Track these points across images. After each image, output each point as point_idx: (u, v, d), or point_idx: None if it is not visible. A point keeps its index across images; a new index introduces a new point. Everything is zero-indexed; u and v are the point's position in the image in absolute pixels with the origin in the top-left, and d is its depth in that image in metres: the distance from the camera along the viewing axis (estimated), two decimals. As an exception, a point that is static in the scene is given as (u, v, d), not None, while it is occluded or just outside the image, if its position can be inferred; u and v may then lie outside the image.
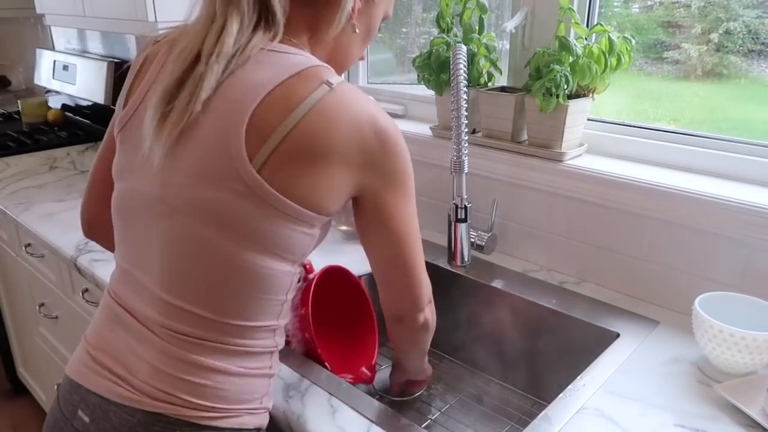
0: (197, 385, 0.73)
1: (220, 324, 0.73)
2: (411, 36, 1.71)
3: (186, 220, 0.71)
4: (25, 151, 2.17)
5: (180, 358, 0.73)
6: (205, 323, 0.73)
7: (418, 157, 1.42)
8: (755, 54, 1.11)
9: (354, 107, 0.71)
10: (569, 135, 1.16)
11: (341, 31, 0.78)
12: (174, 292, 0.73)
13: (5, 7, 2.55)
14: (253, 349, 0.76)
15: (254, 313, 0.75)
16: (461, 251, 1.19)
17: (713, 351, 0.91)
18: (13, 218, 1.62)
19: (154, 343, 0.74)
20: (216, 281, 0.72)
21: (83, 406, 0.76)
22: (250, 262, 0.71)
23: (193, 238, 0.71)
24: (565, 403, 0.87)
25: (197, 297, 0.73)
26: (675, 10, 1.19)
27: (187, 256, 0.72)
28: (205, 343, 0.73)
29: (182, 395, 0.72)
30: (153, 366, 0.73)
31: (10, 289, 2.08)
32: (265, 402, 0.81)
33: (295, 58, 0.72)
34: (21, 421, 2.24)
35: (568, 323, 1.10)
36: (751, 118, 1.17)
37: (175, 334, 0.73)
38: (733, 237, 1.01)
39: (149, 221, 0.75)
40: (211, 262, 0.71)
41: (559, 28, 1.14)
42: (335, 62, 0.80)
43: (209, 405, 0.73)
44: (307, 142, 0.68)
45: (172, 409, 0.72)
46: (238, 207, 0.69)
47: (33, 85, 2.85)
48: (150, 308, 0.75)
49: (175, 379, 0.72)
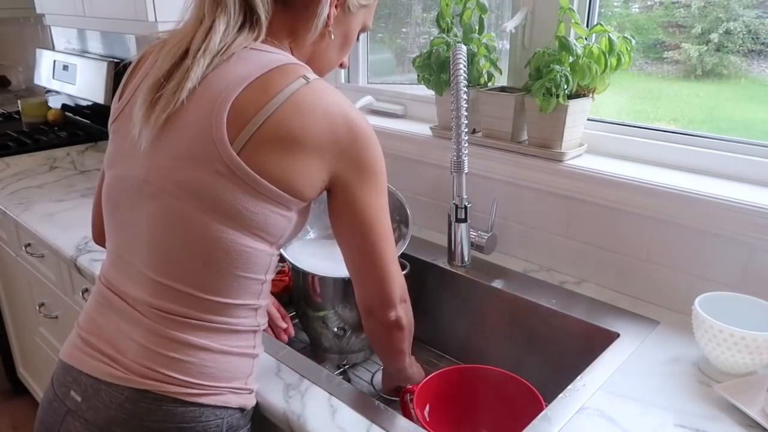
0: (182, 362, 0.77)
1: (204, 301, 0.77)
2: (411, 36, 1.71)
3: (171, 200, 0.76)
4: (25, 151, 2.17)
5: (166, 337, 0.77)
6: (190, 300, 0.77)
7: (418, 157, 1.42)
8: (755, 54, 1.11)
9: (327, 100, 0.76)
10: (569, 135, 1.16)
11: (318, 37, 0.84)
12: (160, 271, 0.78)
13: (5, 7, 2.55)
14: (235, 327, 0.81)
15: (235, 290, 0.79)
16: (461, 251, 1.19)
17: (713, 351, 0.91)
18: (13, 218, 1.62)
19: (142, 323, 0.78)
20: (199, 258, 0.76)
21: (75, 386, 0.80)
22: (229, 239, 0.76)
23: (178, 216, 0.76)
24: (565, 403, 0.87)
25: (182, 274, 0.77)
26: (675, 10, 1.19)
27: (172, 233, 0.77)
28: (190, 321, 0.78)
29: (168, 372, 0.76)
30: (141, 345, 0.78)
31: (10, 289, 2.08)
32: (250, 383, 0.84)
33: (275, 56, 0.78)
34: (21, 421, 2.24)
35: (568, 323, 1.10)
36: (751, 118, 1.16)
37: (162, 313, 0.78)
38: (733, 237, 1.01)
39: (136, 203, 0.80)
40: (194, 238, 0.76)
41: (559, 28, 1.14)
42: (314, 66, 0.84)
43: (193, 381, 0.77)
44: (283, 129, 0.73)
45: (158, 386, 0.76)
46: (219, 186, 0.74)
47: (33, 85, 2.85)
48: (138, 289, 0.79)
49: (161, 356, 0.77)
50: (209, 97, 0.75)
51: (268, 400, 0.88)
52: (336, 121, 0.76)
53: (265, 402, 0.89)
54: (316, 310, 1.18)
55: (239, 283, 0.79)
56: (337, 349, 1.23)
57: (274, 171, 0.74)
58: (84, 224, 1.53)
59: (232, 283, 0.78)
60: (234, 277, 0.78)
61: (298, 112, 0.74)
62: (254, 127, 0.73)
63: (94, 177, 1.94)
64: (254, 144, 0.73)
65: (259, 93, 0.74)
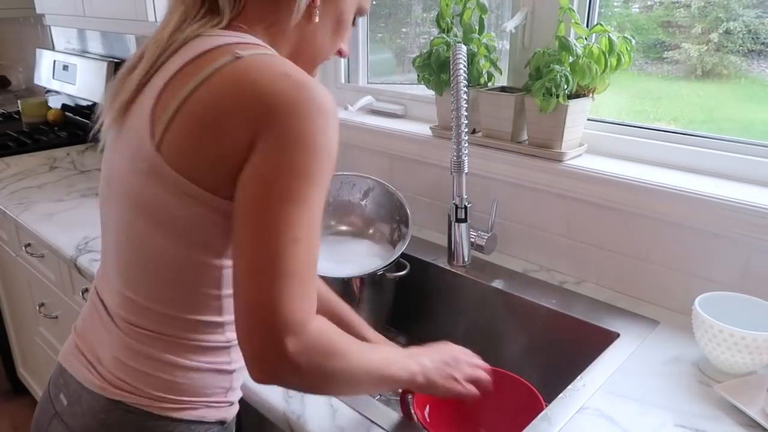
0: (153, 377, 0.74)
1: (171, 317, 0.73)
2: (411, 36, 1.71)
3: (123, 207, 0.72)
4: (25, 151, 2.17)
5: (137, 351, 0.74)
6: (158, 317, 0.73)
7: (418, 157, 1.42)
8: (755, 54, 1.11)
9: (252, 73, 0.64)
10: (569, 135, 1.16)
11: (304, 21, 0.74)
12: (129, 286, 0.74)
13: (5, 7, 2.55)
14: (205, 344, 0.75)
15: (196, 306, 0.73)
16: (461, 251, 1.19)
17: (713, 351, 0.91)
18: (13, 218, 1.62)
19: (117, 335, 0.76)
20: (156, 272, 0.72)
21: (65, 389, 0.79)
22: (170, 251, 0.69)
23: (128, 225, 0.72)
24: (565, 403, 0.87)
25: (142, 288, 0.73)
26: (675, 10, 1.19)
27: (129, 244, 0.73)
28: (161, 336, 0.74)
29: (139, 386, 0.74)
30: (115, 356, 0.75)
31: (10, 289, 2.08)
32: (230, 396, 0.80)
33: (222, 39, 0.69)
34: (21, 421, 2.24)
35: (568, 323, 1.10)
36: (751, 118, 1.16)
37: (133, 326, 0.74)
38: (733, 237, 1.01)
39: (106, 210, 0.77)
40: (144, 250, 0.71)
41: (559, 28, 1.14)
42: (304, 54, 0.77)
43: (165, 396, 0.74)
44: (196, 113, 0.65)
45: (131, 398, 0.73)
46: (148, 189, 0.68)
47: (33, 85, 2.85)
48: (113, 300, 0.77)
49: (132, 370, 0.74)
50: (149, 93, 0.70)
51: (268, 400, 0.88)
52: (251, 96, 0.63)
53: (265, 402, 0.89)
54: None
55: (197, 299, 0.72)
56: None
57: (193, 166, 0.65)
58: (84, 224, 1.53)
59: (190, 299, 0.72)
60: (187, 292, 0.72)
61: (211, 94, 0.64)
62: (169, 114, 0.65)
63: (94, 177, 1.94)
64: (171, 135, 0.65)
65: (182, 79, 0.66)
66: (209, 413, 0.77)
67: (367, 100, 1.61)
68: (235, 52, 0.66)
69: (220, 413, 0.79)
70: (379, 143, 1.50)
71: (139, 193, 0.69)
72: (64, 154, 2.18)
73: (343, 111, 1.63)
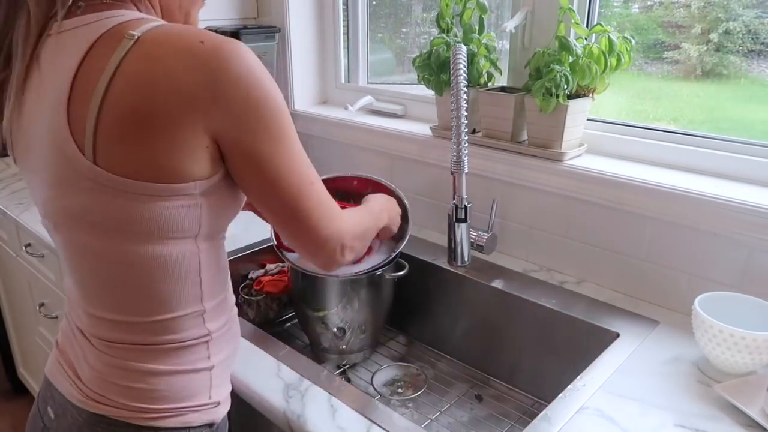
0: (133, 389, 0.72)
1: (140, 324, 0.71)
2: (411, 36, 1.71)
3: (67, 233, 0.71)
4: (25, 151, 2.16)
5: (113, 365, 0.73)
6: (127, 327, 0.72)
7: (418, 157, 1.42)
8: (755, 54, 1.11)
9: (165, 50, 0.61)
10: (569, 135, 1.16)
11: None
12: (91, 305, 0.73)
13: (5, 7, 2.54)
14: (182, 343, 0.74)
15: (168, 304, 0.71)
16: (461, 251, 1.19)
17: (713, 351, 0.91)
18: (13, 218, 1.62)
19: (91, 351, 0.75)
20: (117, 284, 0.70)
21: (51, 402, 0.79)
22: (139, 255, 0.67)
23: (80, 249, 0.70)
24: (565, 403, 0.87)
25: (109, 304, 0.72)
26: (675, 10, 1.19)
27: (85, 267, 0.72)
28: (134, 346, 0.72)
29: (119, 399, 0.72)
30: (92, 372, 0.74)
31: (10, 289, 2.08)
32: (215, 395, 0.78)
33: (93, 27, 0.65)
34: (21, 421, 2.24)
35: (568, 323, 1.10)
36: (751, 118, 1.16)
37: (106, 342, 0.73)
38: (733, 237, 1.01)
39: (54, 240, 0.75)
40: (104, 267, 0.69)
41: (559, 28, 1.14)
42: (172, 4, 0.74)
43: (146, 407, 0.73)
44: (123, 108, 0.61)
45: (113, 411, 0.72)
46: (97, 205, 0.65)
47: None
48: (81, 321, 0.76)
49: (112, 385, 0.73)
50: (44, 106, 0.65)
51: (268, 400, 0.88)
52: (182, 75, 0.60)
53: (265, 402, 0.89)
54: (316, 310, 1.18)
55: (171, 295, 0.71)
56: (336, 349, 1.23)
57: (137, 164, 0.62)
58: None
59: (162, 298, 0.71)
60: (162, 291, 0.70)
61: (131, 83, 0.60)
62: (92, 121, 0.61)
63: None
64: (102, 141, 0.61)
65: (86, 79, 0.62)
66: (195, 417, 0.76)
67: (367, 100, 1.61)
68: (129, 33, 0.62)
69: (206, 416, 0.77)
70: (379, 143, 1.50)
71: (88, 213, 0.66)
72: (64, 154, 2.17)
73: (343, 111, 1.63)
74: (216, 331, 0.77)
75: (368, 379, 1.21)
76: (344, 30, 1.70)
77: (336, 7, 1.67)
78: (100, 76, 0.61)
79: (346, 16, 1.69)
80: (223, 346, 0.79)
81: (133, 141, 0.62)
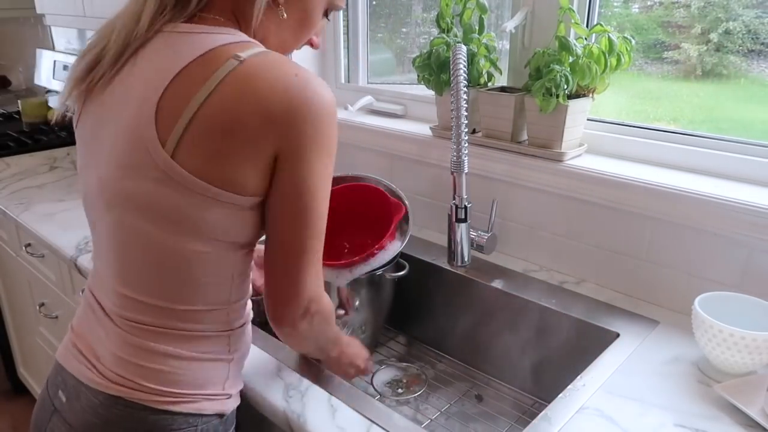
0: (153, 371, 0.76)
1: (170, 310, 0.75)
2: (411, 36, 1.71)
3: (121, 213, 0.74)
4: (25, 151, 2.17)
5: (137, 346, 0.76)
6: (157, 311, 0.75)
7: (418, 157, 1.42)
8: (755, 54, 1.11)
9: (263, 78, 0.68)
10: (569, 135, 1.16)
11: (268, 17, 0.76)
12: (125, 284, 0.76)
13: (5, 7, 2.55)
14: (205, 333, 0.78)
15: (201, 296, 0.76)
16: (461, 251, 1.19)
17: (713, 351, 0.91)
18: (13, 218, 1.62)
19: (115, 332, 0.77)
20: (158, 269, 0.74)
21: (63, 386, 0.81)
22: (184, 248, 0.72)
23: (131, 230, 0.74)
24: (565, 403, 0.87)
25: (145, 286, 0.75)
26: (675, 10, 1.19)
27: (130, 248, 0.75)
28: (159, 329, 0.76)
29: (139, 380, 0.75)
30: (114, 353, 0.77)
31: (10, 289, 2.08)
32: (228, 388, 0.82)
33: (208, 37, 0.71)
34: (21, 421, 2.24)
35: (568, 323, 1.10)
36: (751, 118, 1.16)
37: (132, 323, 0.76)
38: (733, 237, 1.01)
39: (98, 216, 0.79)
40: (150, 251, 0.73)
41: (559, 28, 1.14)
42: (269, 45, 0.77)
43: (164, 389, 0.76)
44: (215, 119, 0.67)
45: (130, 393, 0.75)
46: (161, 195, 0.70)
47: (33, 85, 2.85)
48: (109, 299, 0.79)
49: (133, 365, 0.76)
50: (134, 94, 0.71)
51: (268, 400, 0.88)
52: (271, 100, 0.67)
53: (265, 402, 0.89)
54: (316, 310, 1.18)
55: (204, 289, 0.76)
56: (337, 349, 1.23)
57: (213, 169, 0.68)
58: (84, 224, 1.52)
59: (196, 291, 0.75)
60: (198, 285, 0.75)
61: (227, 99, 0.67)
62: (184, 122, 0.67)
63: (94, 177, 1.94)
64: (188, 142, 0.67)
65: (186, 84, 0.68)
66: (207, 406, 0.79)
67: (367, 100, 1.61)
68: (236, 55, 0.68)
69: (218, 405, 0.80)
70: (379, 143, 1.50)
71: (149, 200, 0.71)
72: (64, 154, 2.18)
73: (343, 111, 1.63)
74: (237, 328, 0.82)
75: (368, 379, 1.21)
76: (344, 30, 1.70)
77: (336, 7, 1.67)
78: (201, 87, 0.67)
79: (346, 16, 1.69)
80: (241, 344, 0.84)
81: (214, 149, 0.68)
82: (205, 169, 0.68)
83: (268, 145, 0.69)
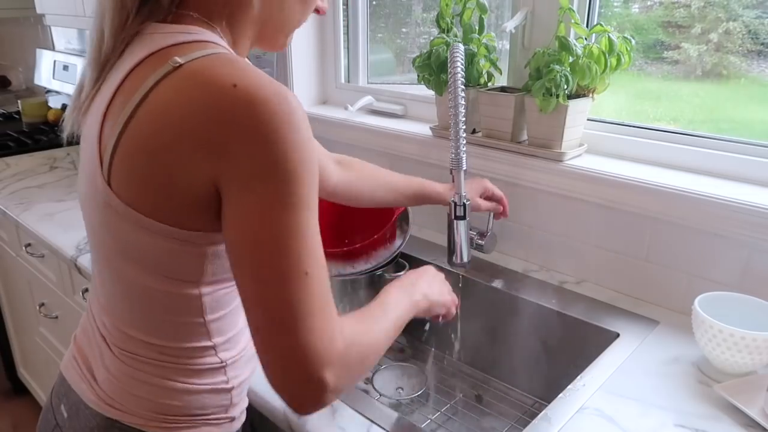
0: (147, 401, 0.72)
1: (157, 346, 0.70)
2: (411, 36, 1.71)
3: (93, 238, 0.71)
4: (25, 151, 2.17)
5: (129, 375, 0.72)
6: (143, 344, 0.70)
7: (418, 157, 1.42)
8: (755, 54, 1.11)
9: (200, 82, 0.55)
10: (569, 135, 1.16)
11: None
12: (112, 314, 0.73)
13: (5, 7, 2.55)
14: (198, 367, 0.72)
15: (181, 334, 0.69)
16: (461, 248, 1.18)
17: (713, 351, 0.91)
18: (13, 218, 1.62)
19: (110, 357, 0.74)
20: (134, 304, 0.69)
21: (65, 400, 0.78)
22: (142, 283, 0.66)
23: (104, 259, 0.69)
24: (565, 403, 0.87)
25: (128, 319, 0.71)
26: (675, 10, 1.19)
27: (108, 277, 0.71)
28: (150, 361, 0.71)
29: (134, 408, 0.72)
30: (109, 377, 0.73)
31: (10, 289, 2.08)
32: (231, 412, 0.77)
33: (161, 39, 0.60)
34: (21, 421, 2.24)
35: (568, 323, 1.10)
36: (751, 118, 1.16)
37: (125, 352, 0.72)
38: (733, 237, 1.01)
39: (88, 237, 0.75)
40: (122, 284, 0.68)
41: (559, 28, 1.14)
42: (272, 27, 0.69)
43: (161, 416, 0.72)
44: (138, 139, 0.57)
45: (127, 418, 0.72)
46: (109, 223, 0.63)
47: (33, 85, 2.85)
48: (102, 324, 0.75)
49: (127, 393, 0.72)
50: (96, 109, 0.63)
51: (268, 400, 0.88)
52: (204, 116, 0.54)
53: (265, 402, 0.88)
54: (316, 310, 1.18)
55: (180, 328, 0.68)
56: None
57: (141, 197, 0.58)
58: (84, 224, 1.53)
59: (170, 327, 0.68)
60: (170, 322, 0.68)
61: (153, 113, 0.56)
62: (112, 143, 0.58)
63: (94, 177, 1.94)
64: (117, 166, 0.58)
65: (123, 96, 0.59)
66: (209, 430, 0.75)
67: (367, 100, 1.61)
68: (174, 60, 0.57)
69: (220, 430, 0.77)
70: (379, 143, 1.50)
71: (103, 228, 0.65)
72: (64, 154, 2.18)
73: (343, 111, 1.63)
74: (230, 359, 0.75)
75: (368, 379, 1.21)
76: (344, 30, 1.70)
77: (336, 7, 1.67)
78: (130, 100, 0.57)
79: (346, 16, 1.69)
80: (240, 371, 0.77)
81: (141, 173, 0.58)
82: (135, 196, 0.59)
83: (200, 171, 0.56)
